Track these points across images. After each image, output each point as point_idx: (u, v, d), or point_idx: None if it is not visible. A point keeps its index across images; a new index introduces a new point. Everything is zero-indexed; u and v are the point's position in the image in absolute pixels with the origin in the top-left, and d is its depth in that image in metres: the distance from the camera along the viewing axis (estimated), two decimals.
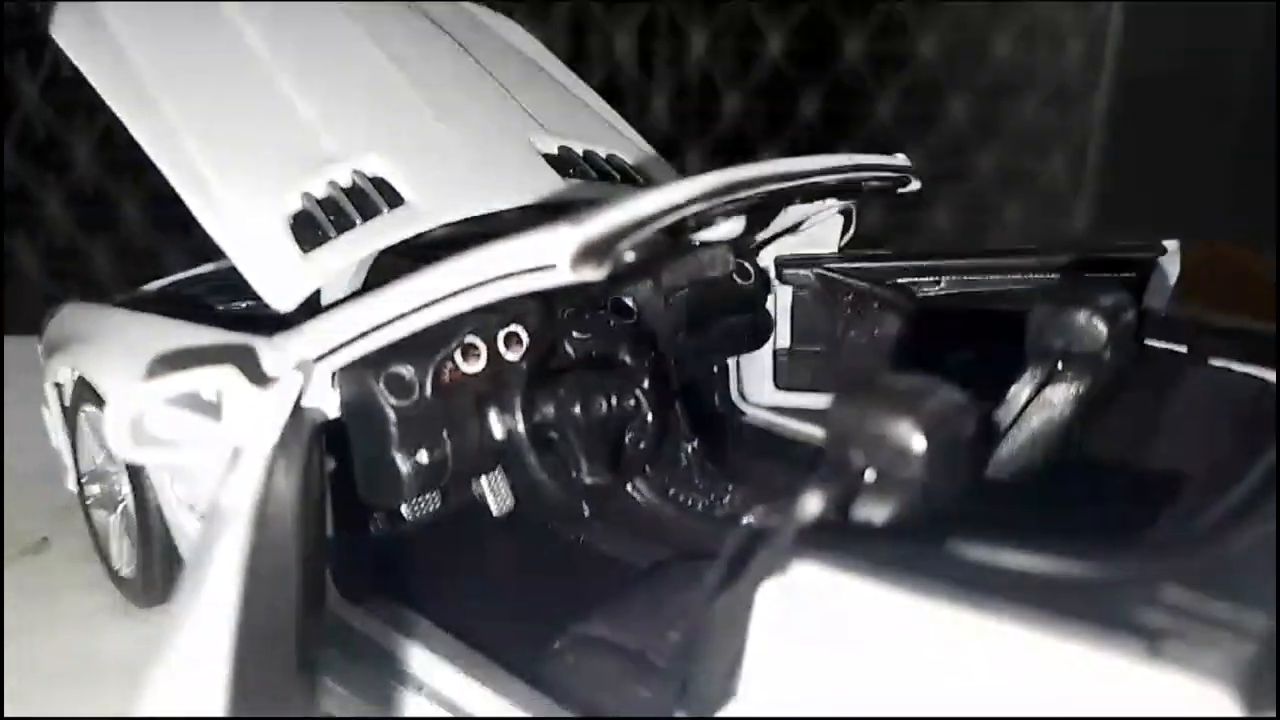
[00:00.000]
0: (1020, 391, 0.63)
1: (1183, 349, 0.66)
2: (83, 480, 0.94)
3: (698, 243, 0.85)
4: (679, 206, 0.59)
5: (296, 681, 0.51)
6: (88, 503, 0.94)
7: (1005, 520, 0.46)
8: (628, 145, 0.97)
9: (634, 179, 0.94)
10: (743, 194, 0.65)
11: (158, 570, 0.85)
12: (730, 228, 0.76)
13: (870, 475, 0.47)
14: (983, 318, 0.86)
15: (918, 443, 0.46)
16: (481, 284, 0.57)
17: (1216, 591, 0.39)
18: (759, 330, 0.92)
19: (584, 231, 0.54)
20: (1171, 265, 0.86)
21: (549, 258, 0.54)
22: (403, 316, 0.60)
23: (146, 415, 0.56)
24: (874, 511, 0.47)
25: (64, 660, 0.91)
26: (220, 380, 0.56)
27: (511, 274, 0.56)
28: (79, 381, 0.88)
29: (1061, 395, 0.62)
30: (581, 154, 0.92)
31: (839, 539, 0.45)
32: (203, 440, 0.57)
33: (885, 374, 0.52)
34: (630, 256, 0.55)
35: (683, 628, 0.53)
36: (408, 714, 0.65)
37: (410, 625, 0.68)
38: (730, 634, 0.45)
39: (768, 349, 0.96)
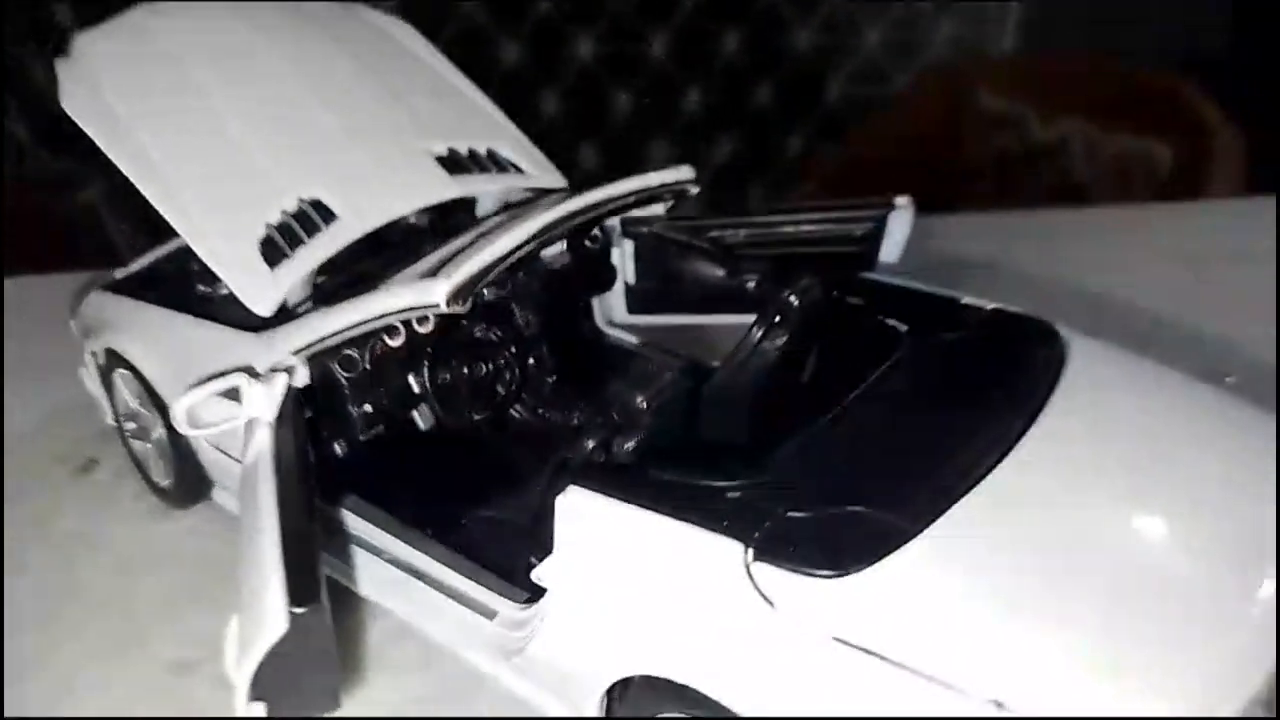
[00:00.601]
0: (747, 339, 0.97)
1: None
2: (120, 418, 1.27)
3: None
4: (516, 249, 0.91)
5: (315, 545, 0.85)
6: (126, 434, 1.27)
7: (706, 450, 0.81)
8: (505, 138, 1.26)
9: (509, 169, 1.24)
10: (562, 226, 0.97)
11: (190, 482, 1.20)
12: (556, 250, 1.09)
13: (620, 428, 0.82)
14: (761, 259, 1.19)
15: (647, 408, 0.81)
16: (391, 312, 0.90)
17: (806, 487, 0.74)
18: (606, 277, 1.25)
19: (452, 282, 0.86)
20: (901, 219, 1.18)
21: (432, 299, 0.87)
22: (345, 329, 0.93)
23: (196, 407, 0.89)
24: (620, 452, 0.82)
25: (127, 549, 1.23)
26: (238, 381, 0.89)
27: (412, 308, 0.89)
28: (110, 353, 1.20)
29: (772, 344, 0.96)
30: (466, 153, 1.22)
31: (598, 470, 0.80)
32: (232, 417, 0.90)
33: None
34: (486, 293, 0.87)
35: (536, 514, 0.89)
36: (366, 570, 1.02)
37: (368, 511, 1.04)
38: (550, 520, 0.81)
39: (620, 285, 1.29)
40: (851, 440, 0.80)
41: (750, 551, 0.68)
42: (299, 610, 0.71)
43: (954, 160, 2.86)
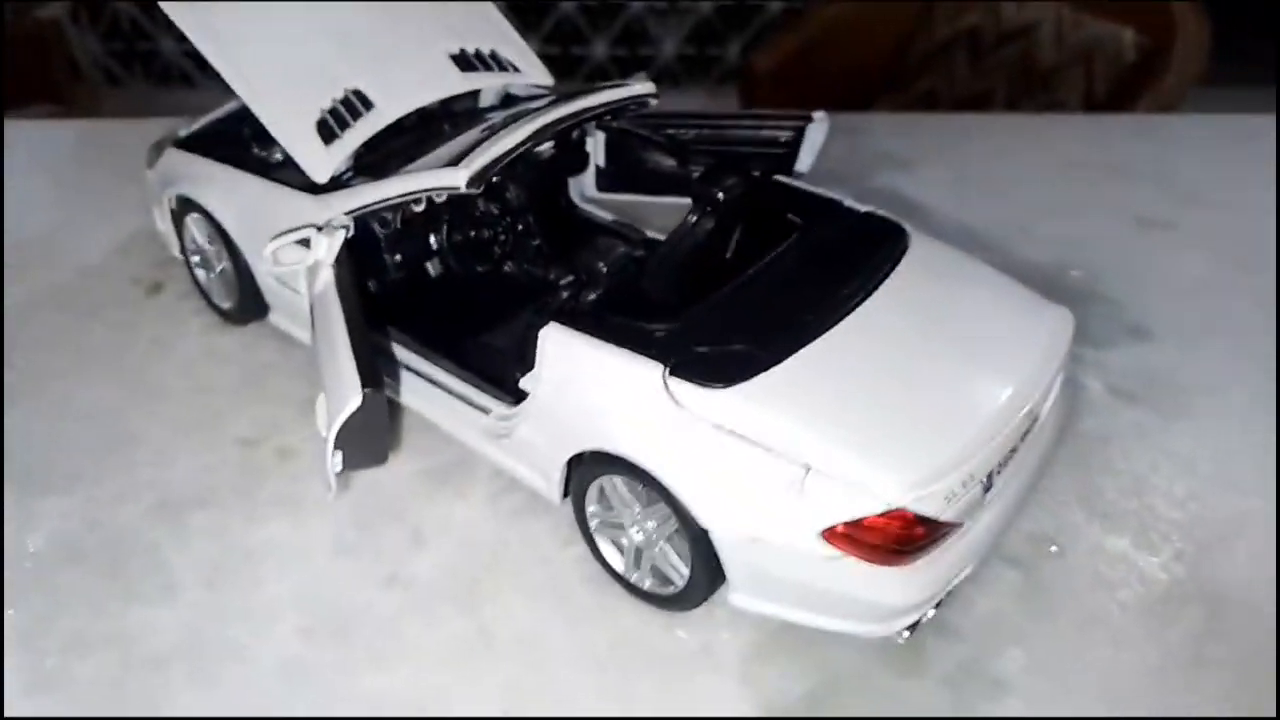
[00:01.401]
0: (683, 223, 1.31)
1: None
2: (186, 252, 1.60)
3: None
4: (521, 144, 1.23)
5: (372, 349, 1.18)
6: (192, 264, 1.60)
7: (645, 304, 1.15)
8: (507, 41, 1.54)
9: (509, 68, 1.53)
10: (555, 128, 1.28)
11: (250, 305, 1.53)
12: (547, 147, 1.41)
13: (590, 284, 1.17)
14: (705, 153, 1.50)
15: (606, 271, 1.16)
16: (422, 190, 1.23)
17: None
18: (581, 162, 1.57)
19: (471, 170, 1.18)
20: (818, 130, 1.49)
21: (455, 182, 1.19)
22: (385, 199, 1.26)
23: (276, 251, 1.23)
24: (585, 301, 1.17)
25: (196, 354, 1.53)
26: (309, 233, 1.22)
27: (436, 188, 1.21)
28: (183, 199, 1.51)
29: (702, 229, 1.30)
30: (474, 52, 1.51)
31: (569, 313, 1.15)
32: (301, 260, 1.24)
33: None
34: (495, 177, 1.20)
35: (522, 342, 1.24)
36: (398, 387, 1.37)
37: (396, 335, 1.39)
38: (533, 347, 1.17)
39: (591, 167, 1.61)
40: (745, 301, 1.15)
41: (667, 370, 1.04)
42: (368, 390, 1.07)
43: (923, 39, 2.93)
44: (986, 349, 1.11)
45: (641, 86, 1.41)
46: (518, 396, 1.23)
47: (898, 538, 0.97)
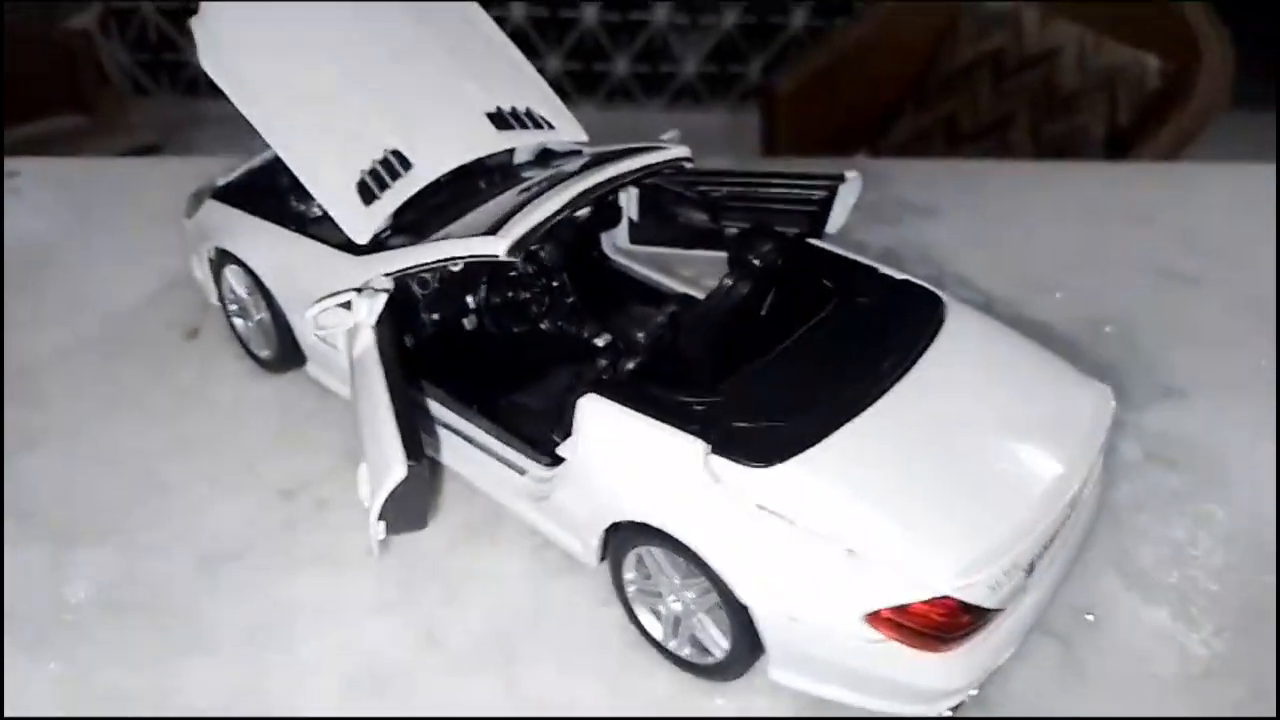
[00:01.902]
0: (719, 288, 1.32)
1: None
2: (225, 301, 1.61)
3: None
4: (557, 212, 1.24)
5: (415, 416, 1.20)
6: (229, 312, 1.61)
7: (682, 374, 1.16)
8: (540, 98, 1.56)
9: (543, 125, 1.54)
10: (592, 195, 1.29)
11: (287, 355, 1.54)
12: (585, 211, 1.42)
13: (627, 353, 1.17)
14: (737, 210, 1.51)
15: (643, 340, 1.16)
16: (462, 257, 1.24)
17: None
18: (615, 217, 1.58)
19: (510, 239, 1.19)
20: (850, 189, 1.50)
21: (494, 251, 1.20)
22: (426, 262, 1.27)
23: (318, 315, 1.24)
24: (623, 371, 1.17)
25: (232, 401, 1.55)
26: (349, 296, 1.24)
27: (476, 256, 1.22)
28: (222, 251, 1.52)
29: (739, 292, 1.31)
30: (510, 110, 1.52)
31: (607, 384, 1.16)
32: (343, 323, 1.25)
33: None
34: (534, 245, 1.21)
35: (559, 403, 1.24)
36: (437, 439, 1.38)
37: (433, 392, 1.39)
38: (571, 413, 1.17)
39: (624, 220, 1.62)
40: (784, 372, 1.15)
41: (708, 448, 1.05)
42: (413, 463, 1.08)
43: (945, 62, 2.92)
44: (1029, 429, 1.11)
45: (677, 150, 1.42)
46: (554, 458, 1.24)
47: (942, 625, 0.97)
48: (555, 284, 1.49)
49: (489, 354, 1.45)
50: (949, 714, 1.06)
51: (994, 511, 1.01)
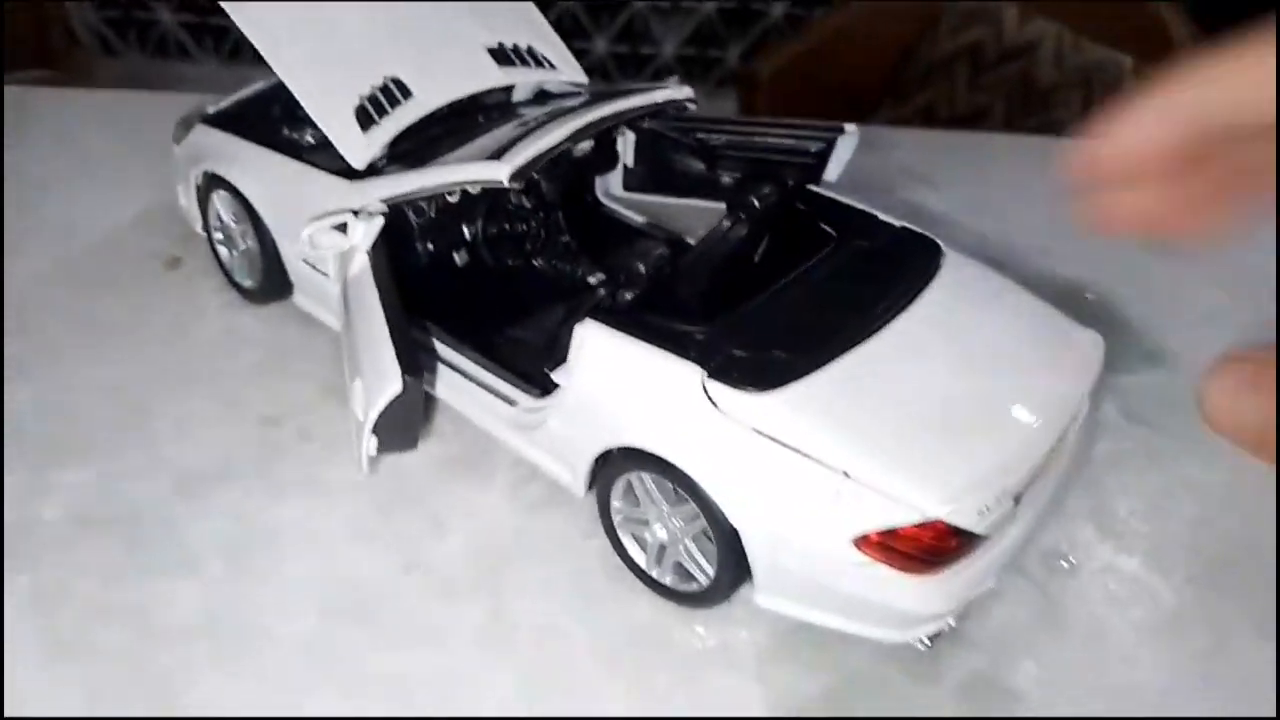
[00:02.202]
0: (718, 226, 1.32)
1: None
2: (210, 229, 1.59)
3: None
4: (561, 142, 1.24)
5: (410, 335, 1.19)
6: (215, 240, 1.59)
7: (683, 305, 1.16)
8: (542, 37, 1.55)
9: (544, 64, 1.54)
10: (596, 128, 1.29)
11: (274, 285, 1.53)
12: (585, 145, 1.41)
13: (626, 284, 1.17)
14: (738, 159, 1.51)
15: (644, 270, 1.16)
16: (463, 181, 1.23)
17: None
18: (611, 160, 1.58)
19: (514, 165, 1.19)
20: (848, 143, 1.51)
21: (497, 176, 1.19)
22: (423, 188, 1.26)
23: (314, 235, 1.23)
24: (622, 300, 1.18)
25: (215, 332, 1.54)
26: (347, 217, 1.23)
27: (478, 180, 1.22)
28: (211, 175, 1.50)
29: (736, 234, 1.32)
30: (511, 47, 1.51)
31: (608, 311, 1.16)
32: (337, 244, 1.24)
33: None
34: (535, 173, 1.21)
35: (552, 336, 1.24)
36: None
37: (423, 323, 1.39)
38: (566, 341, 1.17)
39: (619, 166, 1.62)
40: (782, 308, 1.16)
41: (706, 373, 1.05)
42: (410, 377, 1.08)
43: (924, 54, 2.94)
44: (1022, 368, 1.13)
45: (681, 90, 1.42)
46: (544, 389, 1.24)
47: (930, 549, 0.98)
48: (550, 221, 1.48)
49: (482, 289, 1.45)
50: (926, 643, 1.07)
51: (985, 442, 1.02)
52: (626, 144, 1.58)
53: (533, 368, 1.28)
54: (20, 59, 3.30)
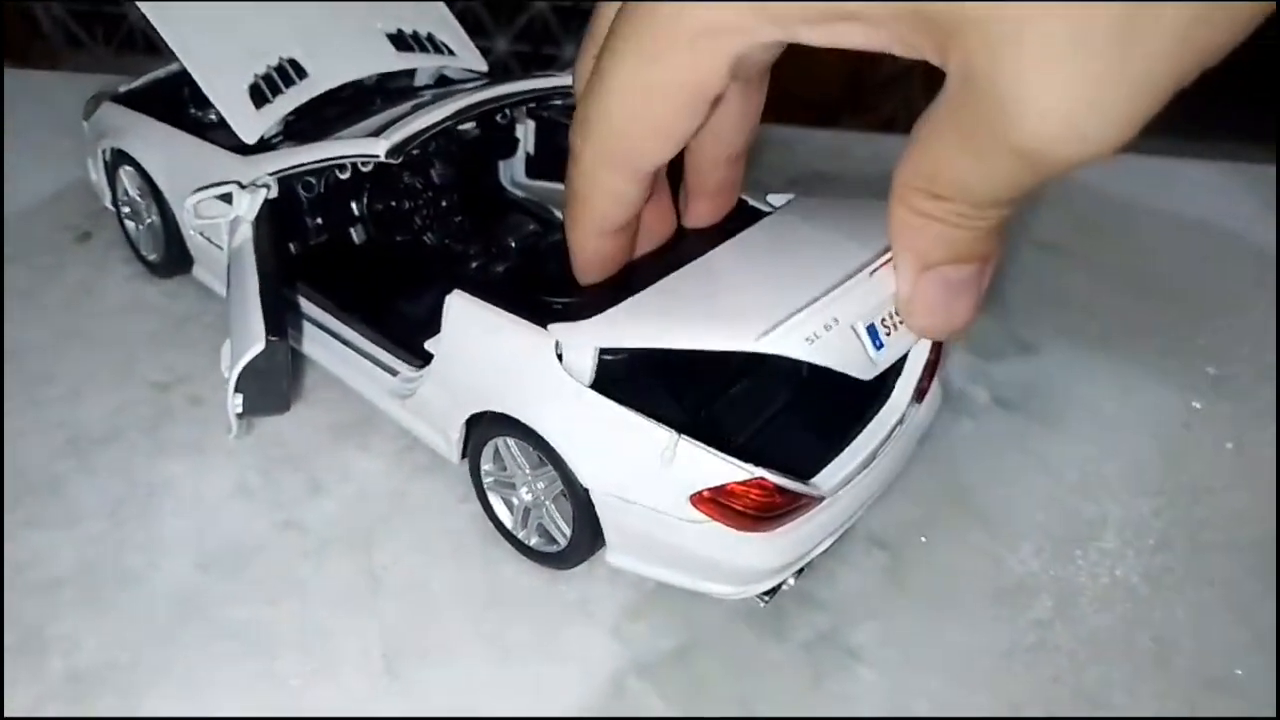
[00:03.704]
0: None
1: None
2: (118, 203, 1.63)
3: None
4: (440, 122, 1.29)
5: (282, 301, 1.24)
6: (122, 215, 1.63)
7: (545, 279, 1.22)
8: (443, 25, 1.61)
9: (443, 50, 1.60)
10: (477, 109, 1.35)
11: (174, 258, 1.57)
12: (471, 127, 1.47)
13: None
14: None
15: (513, 245, 1.22)
16: (343, 156, 1.28)
17: None
18: (510, 147, 1.64)
19: (391, 141, 1.24)
20: None
21: (374, 151, 1.25)
22: (309, 162, 1.31)
23: (198, 204, 1.27)
24: (494, 274, 1.23)
25: (119, 301, 1.58)
26: (231, 189, 1.27)
27: (356, 155, 1.27)
28: (117, 152, 1.55)
29: None
30: (411, 34, 1.57)
31: (476, 284, 1.21)
32: (222, 214, 1.28)
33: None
34: (415, 150, 1.26)
35: (433, 310, 1.29)
36: (308, 335, 1.42)
37: (312, 295, 1.43)
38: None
39: (522, 154, 1.68)
40: (638, 280, 1.21)
41: (558, 342, 1.11)
42: (272, 337, 1.12)
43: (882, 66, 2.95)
44: (827, 249, 1.12)
45: (564, 78, 1.48)
46: (425, 361, 1.29)
47: (758, 505, 1.04)
48: (444, 202, 1.54)
49: (373, 263, 1.50)
50: (765, 599, 1.13)
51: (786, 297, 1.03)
52: (527, 132, 1.64)
53: (414, 340, 1.33)
54: None
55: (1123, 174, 2.15)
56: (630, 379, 1.13)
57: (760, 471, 1.03)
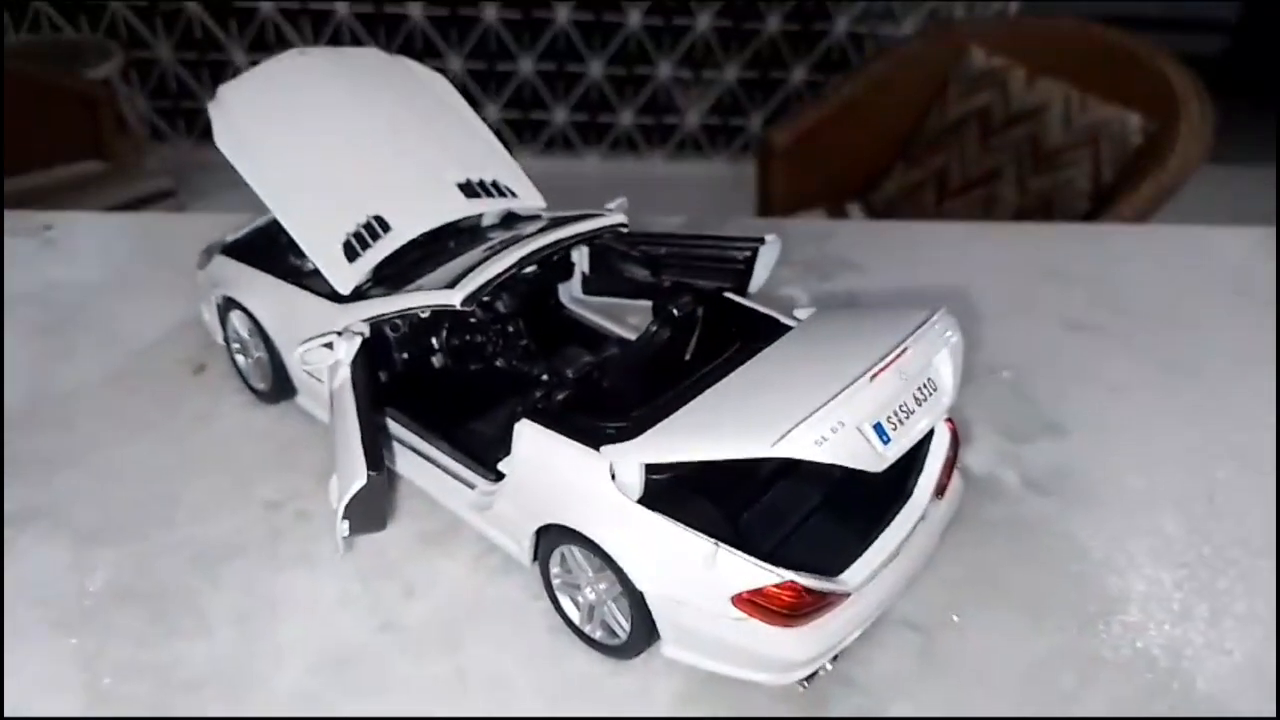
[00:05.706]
0: (643, 333, 1.56)
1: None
2: (229, 340, 1.87)
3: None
4: (507, 270, 1.49)
5: (380, 437, 1.44)
6: (232, 350, 1.87)
7: (602, 404, 1.39)
8: (505, 169, 1.82)
9: (506, 194, 1.80)
10: (538, 255, 1.55)
11: (280, 388, 1.79)
12: (533, 268, 1.67)
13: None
14: (677, 268, 1.76)
15: (571, 376, 1.40)
16: (424, 306, 1.49)
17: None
18: (568, 271, 1.83)
19: (465, 291, 1.44)
20: (770, 251, 1.74)
21: (450, 301, 1.45)
22: (396, 310, 1.52)
23: (304, 353, 1.49)
24: (555, 401, 1.41)
25: (232, 427, 1.81)
26: (332, 337, 1.49)
27: (435, 305, 1.47)
28: (228, 298, 1.78)
29: (660, 338, 1.56)
30: (478, 181, 1.78)
31: (540, 411, 1.40)
32: (325, 359, 1.50)
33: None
34: (486, 296, 1.46)
35: (505, 429, 1.47)
36: (398, 454, 1.62)
37: (400, 418, 1.63)
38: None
39: (578, 274, 1.87)
40: (681, 403, 1.39)
41: (610, 462, 1.28)
42: (373, 472, 1.32)
43: (935, 119, 3.11)
44: (837, 357, 1.28)
45: (615, 217, 1.67)
46: (499, 475, 1.48)
47: (790, 604, 1.19)
48: (511, 329, 1.74)
49: (452, 387, 1.70)
50: (805, 685, 1.27)
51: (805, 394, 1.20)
52: (582, 256, 1.84)
53: (489, 456, 1.52)
54: (75, 148, 3.65)
55: (1156, 244, 2.27)
56: (676, 490, 1.30)
57: (790, 575, 1.18)
